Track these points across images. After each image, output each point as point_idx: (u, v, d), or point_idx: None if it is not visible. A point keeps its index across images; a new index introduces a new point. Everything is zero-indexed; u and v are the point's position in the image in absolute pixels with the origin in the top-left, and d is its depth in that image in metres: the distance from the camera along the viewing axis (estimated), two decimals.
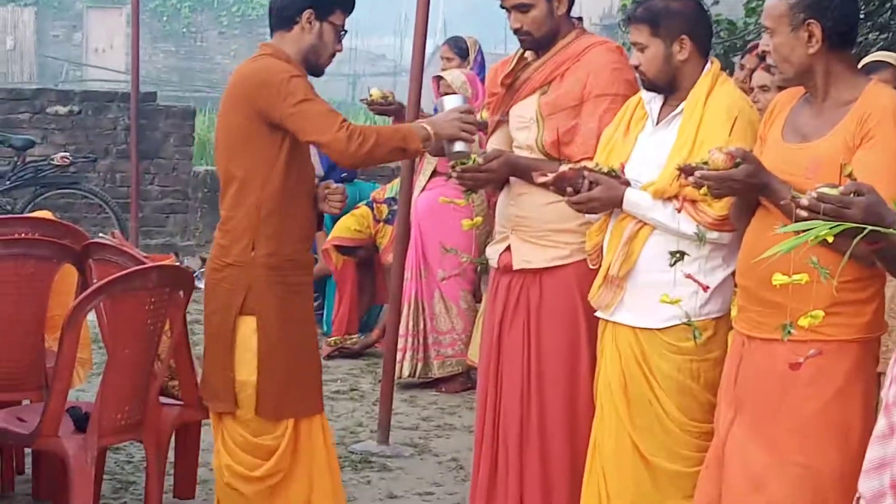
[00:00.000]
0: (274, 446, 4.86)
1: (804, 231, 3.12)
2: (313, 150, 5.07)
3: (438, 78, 8.31)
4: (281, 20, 4.86)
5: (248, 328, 4.81)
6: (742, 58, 6.44)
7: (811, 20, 3.78)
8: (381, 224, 9.12)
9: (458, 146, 4.79)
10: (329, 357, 8.83)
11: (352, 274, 9.27)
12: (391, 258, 7.31)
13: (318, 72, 4.92)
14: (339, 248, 9.12)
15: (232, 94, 4.84)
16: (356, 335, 9.24)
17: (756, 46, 5.89)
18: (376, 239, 9.16)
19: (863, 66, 4.84)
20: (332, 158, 4.79)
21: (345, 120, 4.68)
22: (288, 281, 4.84)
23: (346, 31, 4.93)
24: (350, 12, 4.92)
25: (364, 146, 4.62)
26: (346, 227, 9.09)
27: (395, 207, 7.77)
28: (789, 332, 3.60)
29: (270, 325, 4.80)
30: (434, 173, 8.22)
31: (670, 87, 4.47)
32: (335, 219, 9.00)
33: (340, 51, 4.95)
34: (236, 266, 4.80)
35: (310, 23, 4.81)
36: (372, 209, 9.20)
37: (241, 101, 4.76)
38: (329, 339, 9.12)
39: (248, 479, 4.89)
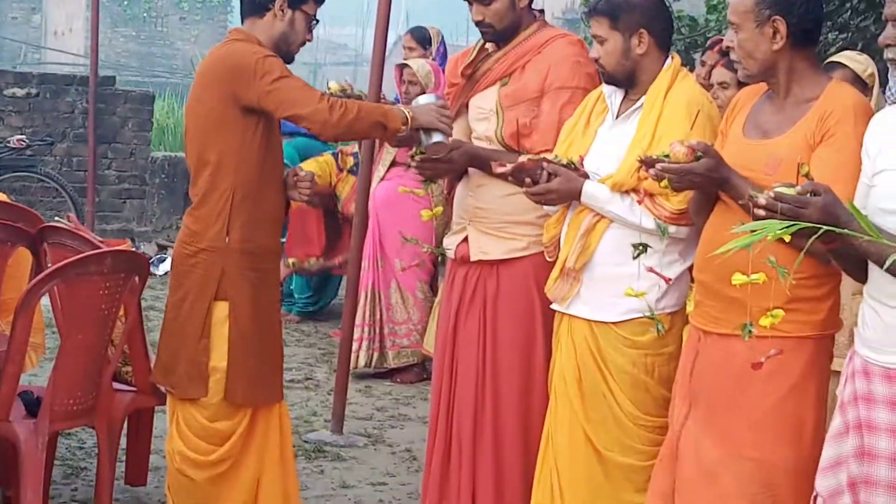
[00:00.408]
0: (229, 432, 4.86)
1: (760, 230, 3.14)
2: None
3: (402, 66, 8.29)
4: (253, 6, 4.86)
5: (220, 314, 4.80)
6: (703, 54, 6.45)
7: (777, 17, 3.80)
8: (345, 174, 9.13)
9: (437, 137, 4.76)
10: (285, 280, 9.07)
11: (314, 209, 9.33)
12: (353, 209, 7.28)
13: (287, 59, 4.90)
14: None
15: (204, 78, 4.82)
16: (316, 258, 9.31)
17: (718, 43, 5.91)
18: (336, 188, 9.17)
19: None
20: (314, 130, 4.76)
21: (323, 93, 4.71)
22: (259, 267, 4.84)
23: (317, 21, 4.94)
24: (322, 2, 4.93)
25: (346, 117, 4.62)
26: None
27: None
28: (750, 331, 3.60)
29: (242, 311, 4.80)
30: (393, 163, 8.21)
31: (629, 81, 4.47)
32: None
33: (310, 40, 4.99)
34: (210, 251, 4.78)
35: (282, 10, 4.81)
36: (337, 159, 9.21)
37: (215, 85, 4.74)
38: (288, 261, 9.16)
39: (199, 464, 4.89)
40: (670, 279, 4.35)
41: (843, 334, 4.05)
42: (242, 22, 4.92)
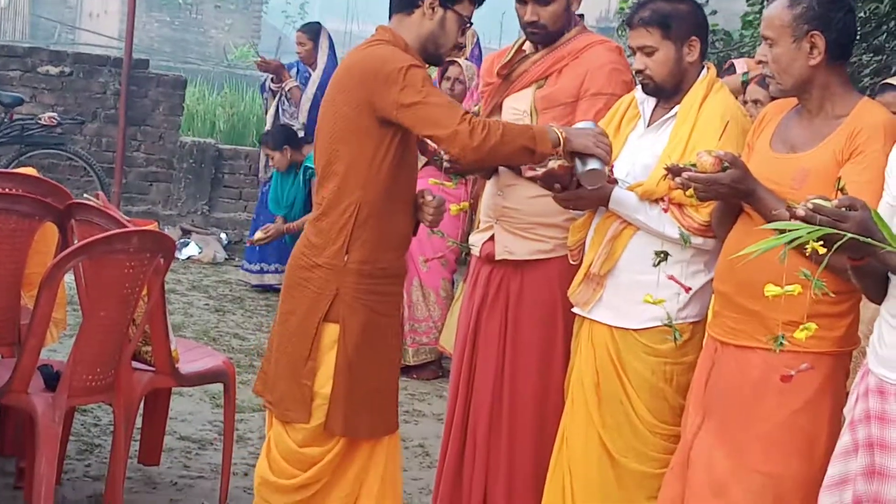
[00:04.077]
0: (317, 458, 4.51)
1: (787, 231, 3.14)
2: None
3: (446, 64, 8.28)
4: (402, 2, 4.52)
5: (329, 337, 4.45)
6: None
7: (815, 32, 3.79)
8: None
9: (593, 164, 4.34)
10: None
11: None
12: None
13: (435, 62, 4.67)
14: None
15: (341, 81, 4.47)
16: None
17: (732, 65, 5.93)
18: None
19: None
20: (453, 154, 4.39)
21: (467, 112, 4.31)
22: (378, 290, 4.48)
23: (471, 24, 4.62)
24: (480, 3, 4.61)
25: (489, 140, 4.24)
26: None
27: None
28: (782, 343, 3.59)
29: (353, 335, 4.43)
30: (427, 162, 8.19)
31: (675, 91, 4.44)
32: None
33: (462, 44, 4.64)
34: (326, 268, 4.43)
35: (432, 8, 4.47)
36: None
37: (351, 90, 4.38)
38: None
39: (279, 488, 4.57)
40: (690, 288, 4.35)
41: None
42: (390, 18, 4.57)
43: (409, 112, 4.27)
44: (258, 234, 9.90)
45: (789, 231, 3.14)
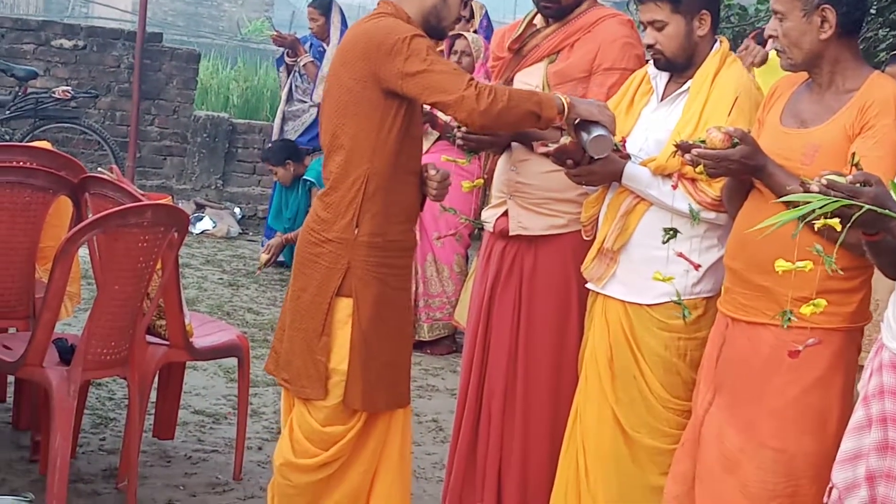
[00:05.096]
0: (339, 436, 4.50)
1: (802, 204, 3.12)
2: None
3: (454, 37, 8.27)
4: None
5: (342, 312, 4.43)
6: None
7: (826, 5, 3.78)
8: None
9: (598, 130, 4.35)
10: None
11: None
12: None
13: (437, 36, 4.60)
14: None
15: (344, 55, 4.45)
16: None
17: (755, 34, 5.89)
18: None
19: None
20: (461, 119, 4.36)
21: (472, 78, 4.31)
22: (389, 263, 4.46)
23: None
24: None
25: (496, 104, 4.24)
26: None
27: None
28: (789, 319, 3.59)
29: (366, 309, 4.42)
30: (439, 138, 8.18)
31: (687, 65, 4.41)
32: None
33: (465, 16, 4.66)
34: (337, 243, 4.41)
35: None
36: None
37: (356, 62, 4.37)
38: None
39: (302, 468, 4.54)
40: (699, 265, 4.34)
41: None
42: None
43: (415, 80, 4.27)
44: (263, 257, 10.10)
45: (803, 204, 3.12)
